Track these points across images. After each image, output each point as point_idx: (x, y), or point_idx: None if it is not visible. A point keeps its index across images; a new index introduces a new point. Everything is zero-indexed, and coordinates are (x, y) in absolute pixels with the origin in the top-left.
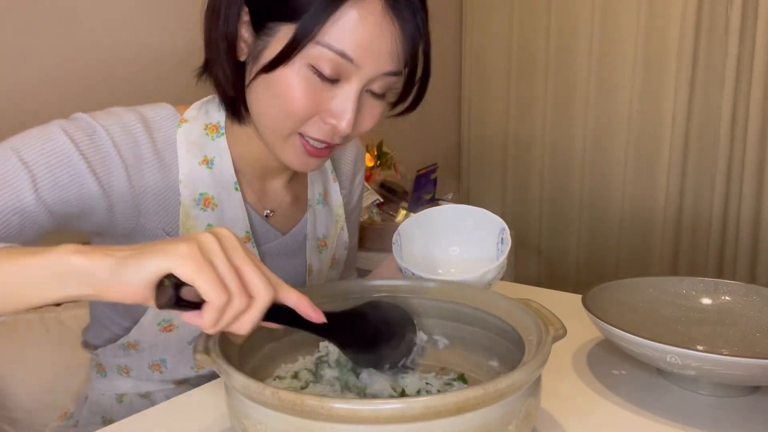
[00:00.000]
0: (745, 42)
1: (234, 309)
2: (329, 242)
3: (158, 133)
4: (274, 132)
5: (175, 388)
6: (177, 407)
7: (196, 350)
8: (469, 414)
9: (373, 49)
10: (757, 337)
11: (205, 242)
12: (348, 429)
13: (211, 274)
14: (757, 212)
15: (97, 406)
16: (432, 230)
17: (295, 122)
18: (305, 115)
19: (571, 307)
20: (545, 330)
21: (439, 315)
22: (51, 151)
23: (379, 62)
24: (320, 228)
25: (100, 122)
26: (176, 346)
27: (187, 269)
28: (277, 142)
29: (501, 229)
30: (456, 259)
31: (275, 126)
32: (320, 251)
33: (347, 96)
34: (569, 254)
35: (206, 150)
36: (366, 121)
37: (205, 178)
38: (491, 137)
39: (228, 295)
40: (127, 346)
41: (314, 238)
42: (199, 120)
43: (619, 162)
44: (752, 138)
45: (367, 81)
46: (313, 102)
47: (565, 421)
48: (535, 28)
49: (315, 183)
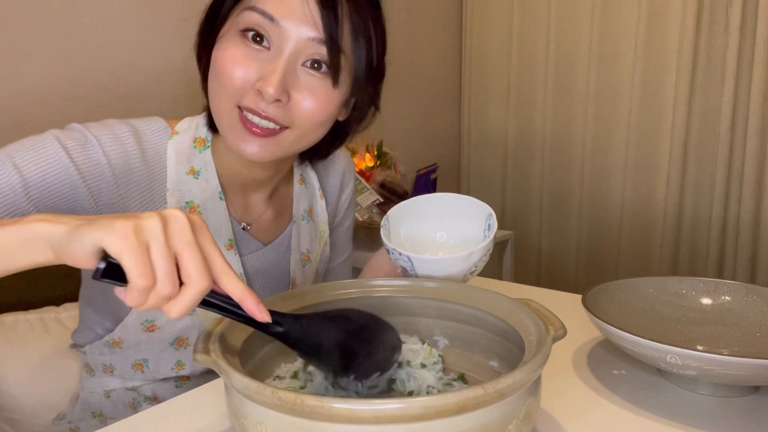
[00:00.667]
0: (745, 42)
1: (158, 294)
2: (313, 257)
3: (148, 145)
4: (219, 111)
5: (161, 382)
6: (177, 407)
7: (196, 350)
8: (469, 414)
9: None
10: (757, 337)
11: (147, 223)
12: (348, 429)
13: (137, 256)
14: (757, 212)
15: (86, 404)
16: (419, 216)
17: (231, 92)
18: (238, 81)
19: (571, 307)
20: (545, 330)
21: (439, 315)
22: (44, 157)
23: (297, 23)
24: (304, 243)
25: (92, 132)
26: (158, 346)
27: (117, 247)
28: (223, 125)
29: (488, 215)
30: (443, 243)
31: (218, 103)
32: (304, 265)
33: (275, 58)
34: (569, 254)
35: (193, 161)
36: (306, 100)
37: (191, 188)
38: (491, 137)
39: (152, 279)
40: (111, 344)
41: (298, 252)
42: (189, 133)
43: (619, 162)
44: (752, 138)
45: (294, 47)
46: (245, 67)
47: (565, 421)
48: (535, 28)
49: (301, 200)
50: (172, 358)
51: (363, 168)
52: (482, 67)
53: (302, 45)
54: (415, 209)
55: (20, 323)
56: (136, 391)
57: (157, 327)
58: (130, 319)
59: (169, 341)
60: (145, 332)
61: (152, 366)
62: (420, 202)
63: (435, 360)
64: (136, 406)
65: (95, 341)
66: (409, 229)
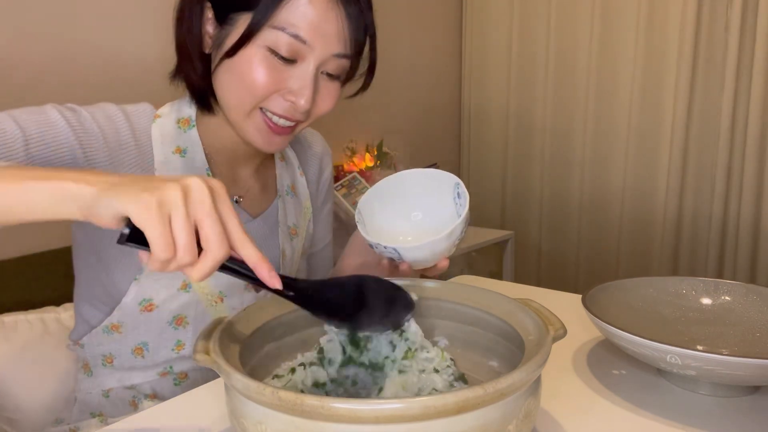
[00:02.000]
0: (745, 42)
1: (179, 263)
2: (299, 231)
3: (138, 125)
4: (238, 109)
5: (159, 379)
6: (177, 407)
7: (195, 350)
8: (469, 414)
9: (322, 30)
10: (757, 337)
11: (169, 195)
12: (348, 429)
13: (160, 228)
14: (757, 212)
15: (84, 405)
16: (391, 200)
17: (257, 97)
18: (265, 90)
19: (571, 307)
20: (545, 330)
21: (439, 315)
22: (44, 121)
23: (329, 43)
24: (290, 217)
25: (86, 109)
26: (157, 326)
27: (141, 218)
28: (241, 120)
29: (455, 184)
30: (421, 224)
31: (239, 102)
32: (291, 239)
33: (305, 74)
34: (569, 254)
35: (179, 141)
36: (324, 101)
37: (178, 166)
38: (491, 137)
39: (173, 250)
40: (110, 329)
41: (285, 225)
42: (171, 115)
43: (619, 162)
44: (752, 138)
45: (321, 62)
46: (273, 78)
47: (565, 421)
48: (535, 28)
49: (283, 175)
50: (171, 338)
51: (363, 168)
52: (482, 67)
53: (329, 60)
54: (383, 194)
55: (20, 323)
56: (135, 389)
57: (156, 306)
58: (128, 300)
59: (168, 320)
60: (143, 313)
61: (152, 349)
62: (388, 185)
63: (447, 363)
64: (137, 403)
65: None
66: (384, 217)
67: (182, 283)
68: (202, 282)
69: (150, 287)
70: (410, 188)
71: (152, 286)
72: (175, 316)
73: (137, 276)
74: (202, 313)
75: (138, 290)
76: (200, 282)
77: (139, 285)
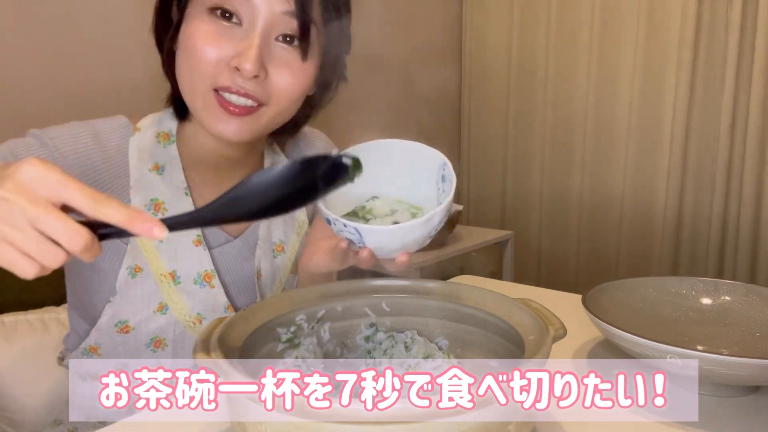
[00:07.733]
0: (745, 42)
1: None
2: (288, 248)
3: (110, 143)
4: (194, 95)
5: None
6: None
7: (195, 350)
8: (469, 414)
9: None
10: (757, 337)
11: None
12: (348, 429)
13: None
14: (757, 212)
15: (81, 408)
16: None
17: (206, 72)
18: (212, 60)
19: (571, 307)
20: (545, 330)
21: (439, 315)
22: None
23: None
24: (276, 233)
25: (48, 135)
26: (135, 349)
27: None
28: (200, 108)
29: (441, 164)
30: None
31: (191, 85)
32: (274, 256)
33: (248, 33)
34: (569, 254)
35: (157, 157)
36: (285, 75)
37: (155, 184)
38: (491, 138)
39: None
40: (89, 351)
41: (268, 242)
42: (151, 129)
43: (619, 162)
44: (752, 138)
45: (267, 22)
46: (219, 45)
47: (565, 421)
48: (535, 29)
49: None
50: (151, 363)
51: None
52: (482, 68)
53: (275, 19)
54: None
55: (20, 323)
56: None
57: (132, 327)
58: (103, 320)
59: (145, 342)
60: (120, 334)
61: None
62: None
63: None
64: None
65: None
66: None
67: (158, 305)
68: (179, 304)
69: (124, 309)
70: (387, 163)
71: (127, 308)
72: (153, 338)
73: (111, 298)
74: (181, 335)
75: (113, 312)
76: (176, 304)
77: (113, 307)
